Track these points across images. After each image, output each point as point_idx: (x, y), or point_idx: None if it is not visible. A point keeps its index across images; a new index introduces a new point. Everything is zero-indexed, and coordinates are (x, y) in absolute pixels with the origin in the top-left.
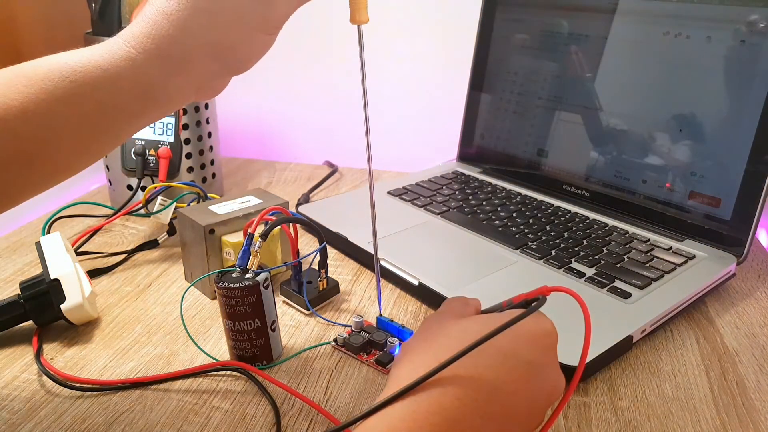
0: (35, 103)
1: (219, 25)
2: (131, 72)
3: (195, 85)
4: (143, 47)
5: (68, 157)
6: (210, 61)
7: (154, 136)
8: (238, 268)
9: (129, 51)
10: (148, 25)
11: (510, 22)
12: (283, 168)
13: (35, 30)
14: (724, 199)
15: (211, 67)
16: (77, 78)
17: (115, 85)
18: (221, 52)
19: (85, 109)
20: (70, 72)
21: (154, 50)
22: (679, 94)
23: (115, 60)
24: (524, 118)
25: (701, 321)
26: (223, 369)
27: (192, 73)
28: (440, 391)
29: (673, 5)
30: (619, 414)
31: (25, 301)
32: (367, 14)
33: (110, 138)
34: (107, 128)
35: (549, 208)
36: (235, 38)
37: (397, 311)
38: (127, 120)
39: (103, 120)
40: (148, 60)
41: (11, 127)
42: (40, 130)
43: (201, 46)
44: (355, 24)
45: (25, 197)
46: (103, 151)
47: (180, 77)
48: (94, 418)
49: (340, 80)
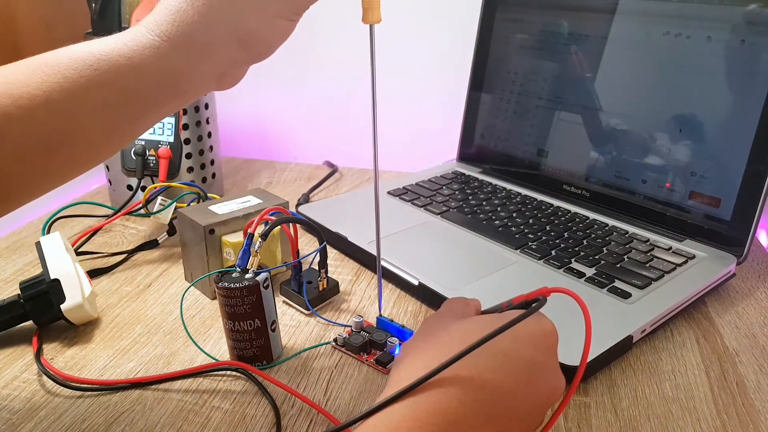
0: (58, 92)
1: (243, 11)
2: (155, 60)
3: (217, 73)
4: (167, 35)
5: (91, 146)
6: (233, 48)
7: (154, 136)
8: (238, 268)
9: (153, 39)
10: (173, 12)
11: (510, 22)
12: (283, 168)
13: (35, 30)
14: (724, 199)
15: (234, 54)
16: (101, 66)
17: (138, 73)
18: (245, 38)
19: (109, 97)
20: (94, 60)
21: (179, 37)
22: (679, 94)
23: (139, 48)
24: (524, 118)
25: (701, 321)
26: (223, 369)
27: (215, 60)
28: (441, 391)
29: (673, 5)
30: (619, 414)
31: (25, 301)
32: (380, 14)
33: (133, 127)
34: (130, 117)
35: (549, 208)
36: (258, 24)
37: (397, 311)
38: (150, 108)
39: (126, 108)
40: (172, 47)
41: (35, 115)
42: (64, 119)
43: (225, 32)
44: (367, 24)
45: (47, 188)
46: (124, 141)
47: (203, 64)
48: (94, 418)
49: (340, 80)
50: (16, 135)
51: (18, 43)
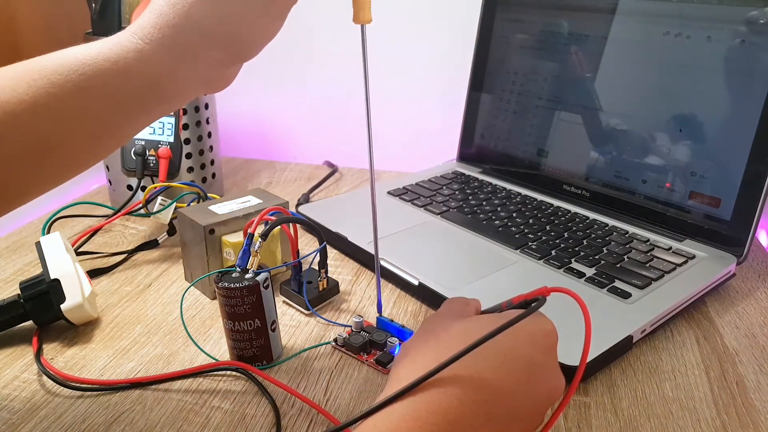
0: (45, 97)
1: (223, 12)
2: (139, 63)
3: (203, 76)
4: (150, 38)
5: (79, 151)
6: (216, 49)
7: (154, 136)
8: (238, 268)
9: (137, 42)
10: (155, 15)
11: (510, 22)
12: (283, 168)
13: (35, 30)
14: (724, 199)
15: (217, 55)
16: (86, 71)
17: (124, 77)
18: (226, 40)
19: (95, 102)
20: (80, 65)
21: (160, 40)
22: (679, 94)
23: (123, 52)
24: (524, 118)
25: (701, 321)
26: (223, 369)
27: (199, 63)
28: (440, 391)
29: (673, 5)
30: (619, 414)
31: (25, 301)
32: (371, 14)
33: (120, 132)
34: (117, 122)
35: (549, 208)
36: (240, 25)
37: (397, 311)
38: (137, 113)
39: (113, 113)
40: (154, 50)
41: (22, 121)
42: (51, 124)
43: (206, 34)
44: (358, 24)
45: (37, 193)
46: (112, 146)
47: (187, 67)
48: (94, 418)
49: (340, 80)
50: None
51: (18, 43)
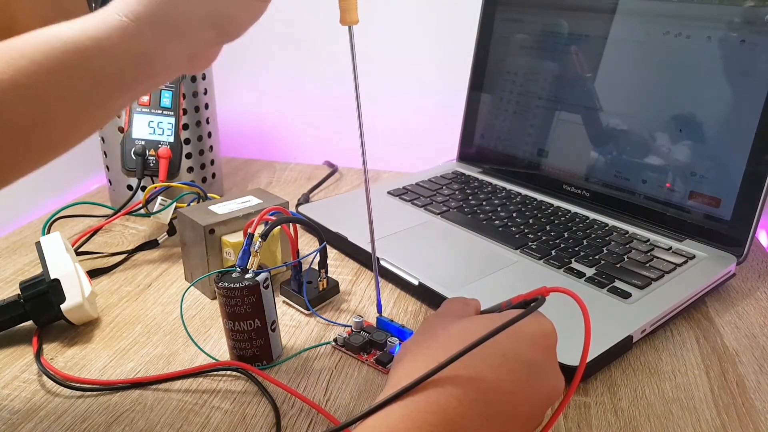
0: (26, 76)
1: None
2: (123, 41)
3: (188, 54)
4: (135, 14)
5: (62, 131)
6: (206, 28)
7: (154, 136)
8: (238, 268)
9: (121, 19)
10: None
11: (510, 22)
12: (283, 168)
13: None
14: (724, 199)
15: (206, 34)
16: (68, 48)
17: (107, 55)
18: (218, 18)
19: (77, 80)
20: (61, 43)
21: (146, 17)
22: (679, 94)
23: (107, 29)
24: (524, 118)
25: (701, 321)
26: (223, 369)
27: (185, 40)
28: (440, 391)
29: (673, 5)
30: (619, 414)
31: (25, 301)
32: (357, 15)
33: (102, 110)
34: (101, 100)
35: (549, 208)
36: (235, 5)
37: (397, 311)
38: (120, 91)
39: (95, 91)
40: (140, 27)
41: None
42: (32, 103)
43: (198, 11)
44: (345, 25)
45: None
46: (95, 125)
47: (174, 44)
48: (94, 418)
49: (339, 80)
50: None
51: None
